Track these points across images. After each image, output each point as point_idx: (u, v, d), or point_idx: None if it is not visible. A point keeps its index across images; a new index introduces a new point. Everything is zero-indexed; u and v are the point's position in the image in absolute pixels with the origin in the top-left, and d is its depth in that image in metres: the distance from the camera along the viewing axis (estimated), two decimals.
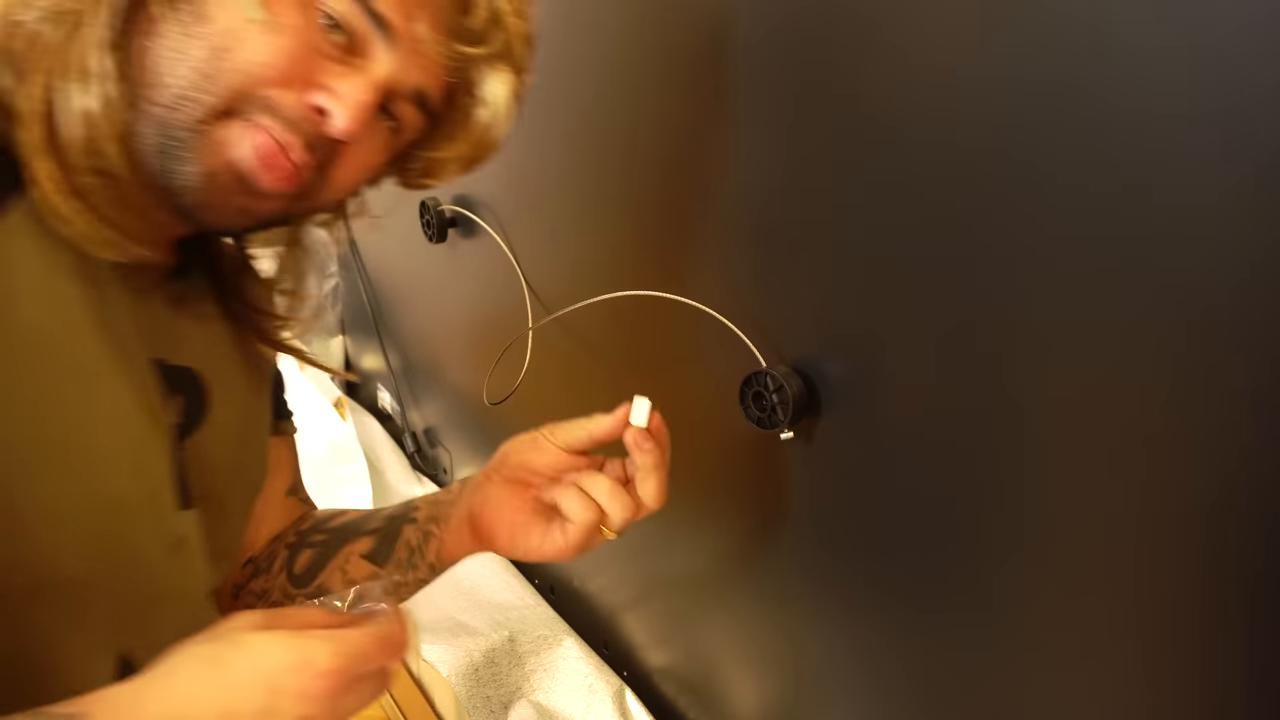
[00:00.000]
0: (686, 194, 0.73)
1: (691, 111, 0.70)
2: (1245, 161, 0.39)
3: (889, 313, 0.58)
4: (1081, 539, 0.50)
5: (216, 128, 0.45)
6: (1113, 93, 0.43)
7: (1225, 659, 0.46)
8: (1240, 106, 0.39)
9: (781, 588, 0.76)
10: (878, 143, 0.55)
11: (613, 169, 0.81)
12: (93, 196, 0.44)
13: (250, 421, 0.62)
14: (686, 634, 0.91)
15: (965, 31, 0.49)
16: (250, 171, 0.46)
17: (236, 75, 0.44)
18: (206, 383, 0.56)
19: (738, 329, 0.69)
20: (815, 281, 0.63)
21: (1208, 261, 0.41)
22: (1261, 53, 0.38)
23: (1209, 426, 0.43)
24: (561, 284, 0.94)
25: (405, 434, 1.49)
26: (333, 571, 0.66)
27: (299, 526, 0.70)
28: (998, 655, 0.58)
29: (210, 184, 0.46)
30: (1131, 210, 0.43)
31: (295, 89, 0.45)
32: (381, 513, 0.69)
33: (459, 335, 1.24)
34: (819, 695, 0.76)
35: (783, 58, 0.61)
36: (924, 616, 0.62)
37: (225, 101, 0.44)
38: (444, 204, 1.11)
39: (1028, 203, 0.48)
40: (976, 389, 0.54)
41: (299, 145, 0.46)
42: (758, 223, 0.67)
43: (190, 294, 0.56)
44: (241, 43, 0.44)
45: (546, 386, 1.01)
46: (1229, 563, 0.44)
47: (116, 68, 0.43)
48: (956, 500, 0.57)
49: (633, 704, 0.98)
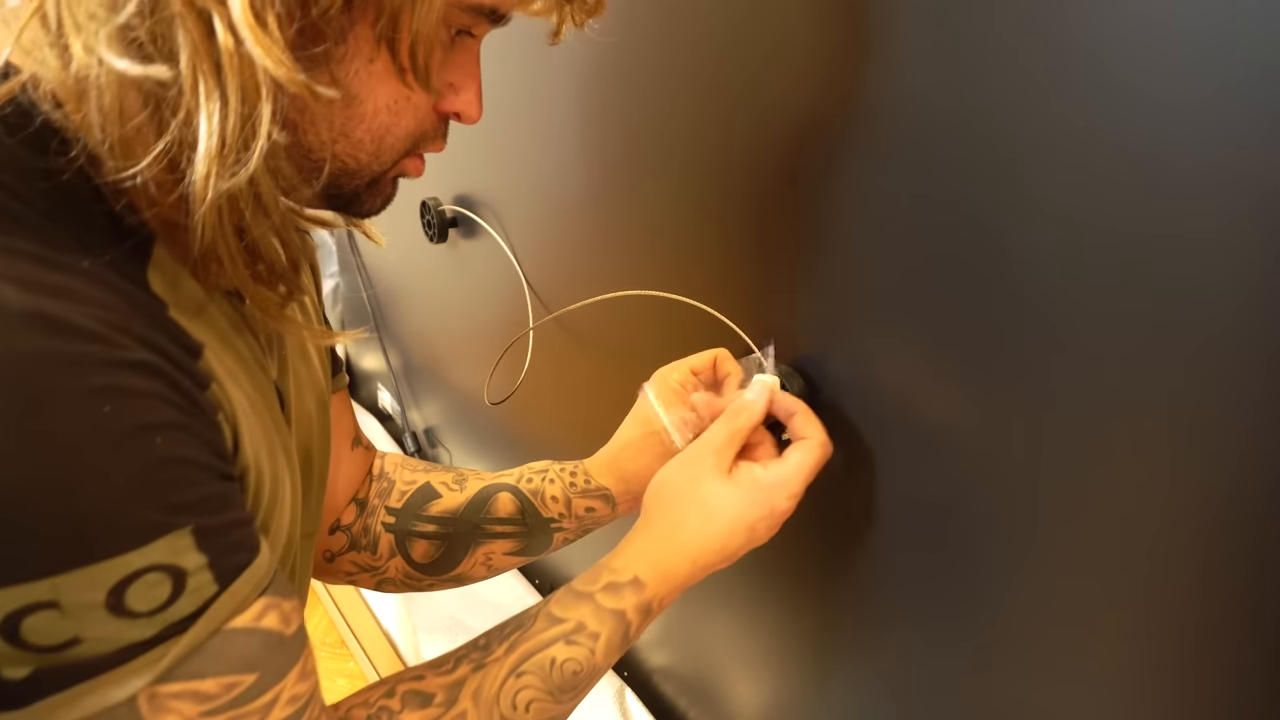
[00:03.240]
0: (687, 193, 0.73)
1: (691, 111, 0.70)
2: (1247, 176, 0.39)
3: (890, 312, 0.58)
4: (1082, 540, 0.51)
5: (388, 175, 0.48)
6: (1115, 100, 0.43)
7: (1229, 669, 0.46)
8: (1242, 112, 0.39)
9: (781, 588, 0.76)
10: (878, 142, 0.55)
11: (613, 169, 0.81)
12: (269, 272, 0.44)
13: (318, 398, 0.62)
14: (686, 634, 0.91)
15: (967, 34, 0.49)
16: (406, 177, 0.50)
17: (403, 143, 0.46)
18: (284, 383, 0.56)
19: (738, 328, 0.69)
20: (816, 281, 0.63)
21: (1212, 270, 0.41)
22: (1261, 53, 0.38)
23: (1213, 431, 0.43)
24: (562, 284, 0.94)
25: (405, 434, 1.49)
26: (474, 566, 0.72)
27: (386, 499, 0.73)
28: (999, 657, 0.58)
29: (371, 209, 0.49)
30: (1134, 212, 0.44)
31: (434, 111, 0.47)
32: (494, 500, 0.71)
33: (459, 335, 1.24)
34: (819, 695, 0.76)
35: (783, 58, 0.61)
36: (924, 618, 0.62)
37: (394, 163, 0.47)
38: (445, 204, 1.11)
39: (1028, 202, 0.48)
40: (977, 390, 0.54)
41: (443, 142, 0.50)
42: (758, 222, 0.67)
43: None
44: (400, 117, 0.44)
45: (547, 386, 1.01)
46: (1232, 568, 0.44)
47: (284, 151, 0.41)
48: (957, 501, 0.57)
49: (633, 704, 0.98)
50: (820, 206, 0.61)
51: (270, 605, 0.41)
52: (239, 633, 0.40)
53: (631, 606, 0.56)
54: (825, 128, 0.59)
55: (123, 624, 0.36)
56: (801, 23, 0.58)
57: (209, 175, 0.37)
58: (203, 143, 0.37)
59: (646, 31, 0.72)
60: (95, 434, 0.34)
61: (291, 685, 0.42)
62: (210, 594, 0.38)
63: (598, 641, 0.54)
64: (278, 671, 0.42)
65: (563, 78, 0.84)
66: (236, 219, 0.40)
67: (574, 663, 0.53)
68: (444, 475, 0.74)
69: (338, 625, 1.54)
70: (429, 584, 0.73)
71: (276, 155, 0.39)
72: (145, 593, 0.36)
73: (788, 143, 0.62)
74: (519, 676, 0.52)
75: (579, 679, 0.54)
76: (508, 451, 1.21)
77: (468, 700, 0.50)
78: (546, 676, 0.53)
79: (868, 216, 0.57)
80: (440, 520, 0.71)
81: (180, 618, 0.37)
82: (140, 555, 0.35)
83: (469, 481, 0.73)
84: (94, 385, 0.34)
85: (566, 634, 0.54)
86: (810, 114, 0.60)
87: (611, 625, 0.55)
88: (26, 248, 0.35)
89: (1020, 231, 0.49)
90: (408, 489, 0.73)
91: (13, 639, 0.34)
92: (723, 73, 0.66)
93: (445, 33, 0.45)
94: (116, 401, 0.35)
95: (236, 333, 0.49)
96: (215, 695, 0.39)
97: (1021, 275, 0.49)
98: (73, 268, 0.36)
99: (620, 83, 0.77)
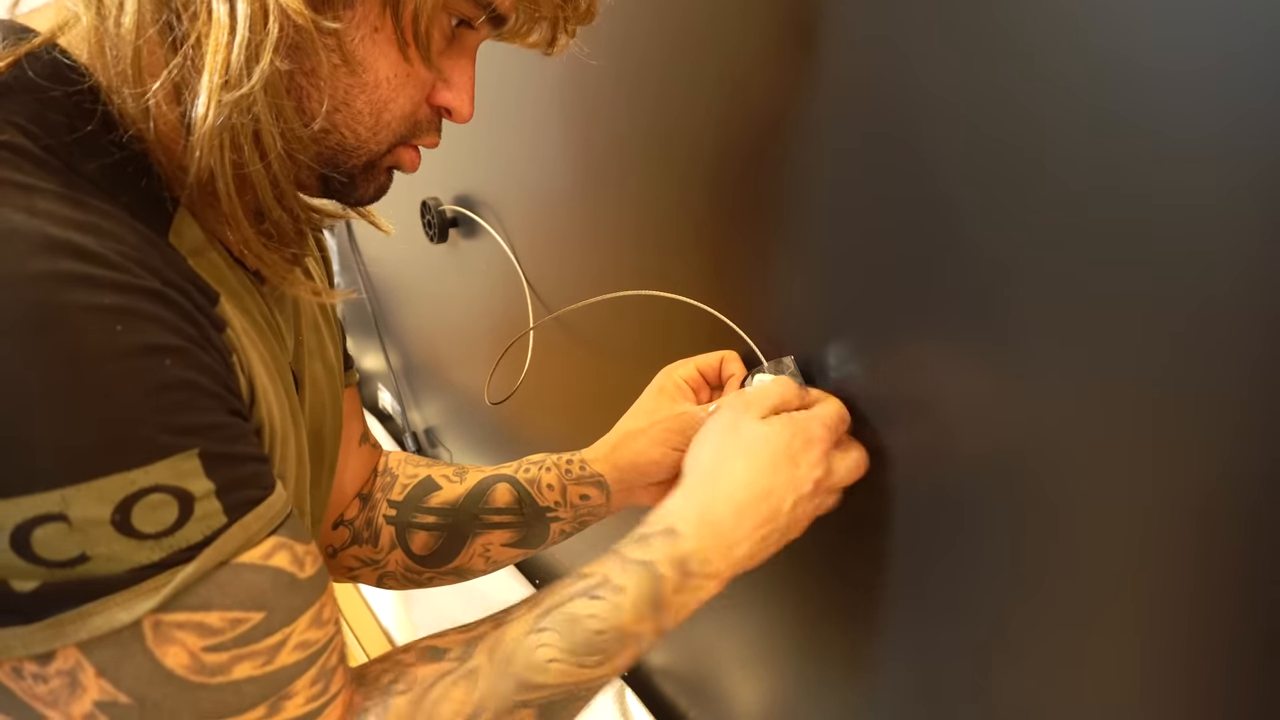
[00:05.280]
0: (687, 193, 0.73)
1: (692, 111, 0.70)
2: (1245, 159, 0.39)
3: (891, 312, 0.58)
4: (1084, 543, 0.51)
5: (383, 161, 0.49)
6: (1113, 96, 0.43)
7: (1226, 668, 0.46)
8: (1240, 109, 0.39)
9: (782, 588, 0.76)
10: (879, 142, 0.55)
11: (614, 169, 0.81)
12: (275, 229, 0.46)
13: (331, 387, 0.63)
14: (686, 634, 0.91)
15: (968, 38, 0.49)
16: (401, 170, 0.51)
17: (399, 125, 0.47)
18: (299, 368, 0.57)
19: (739, 328, 0.69)
20: (817, 281, 0.63)
21: (1206, 256, 0.41)
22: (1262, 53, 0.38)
23: (1209, 426, 0.43)
24: (563, 283, 0.94)
25: (406, 434, 1.49)
26: (473, 557, 0.72)
27: (389, 493, 0.73)
28: (999, 659, 0.58)
29: (364, 196, 0.50)
30: (1132, 205, 0.44)
31: (427, 102, 0.49)
32: (492, 491, 0.71)
33: (460, 335, 1.24)
34: (819, 695, 0.76)
35: (784, 57, 0.61)
36: (925, 618, 0.62)
37: (390, 146, 0.48)
38: (445, 204, 1.11)
39: (1028, 202, 0.48)
40: (978, 390, 0.54)
41: (436, 137, 0.51)
42: (759, 222, 0.67)
43: None
44: (398, 92, 0.46)
45: (548, 386, 1.01)
46: (1229, 568, 0.44)
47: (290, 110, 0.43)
48: (958, 501, 0.57)
49: (633, 704, 0.98)
50: (822, 206, 0.61)
51: (281, 545, 0.41)
52: (247, 568, 0.40)
53: (664, 558, 0.51)
54: (827, 127, 0.59)
55: (130, 544, 0.36)
56: (798, 19, 0.58)
57: (210, 98, 0.39)
58: (208, 65, 0.39)
59: (647, 31, 0.72)
60: (105, 349, 0.35)
61: (302, 630, 0.42)
62: (218, 524, 0.39)
63: (623, 595, 0.49)
64: (288, 613, 0.41)
65: (563, 77, 0.84)
66: (236, 155, 0.41)
67: (596, 619, 0.49)
68: (445, 469, 0.75)
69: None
70: (429, 577, 0.73)
71: (278, 92, 0.41)
72: (151, 514, 0.36)
73: (788, 143, 0.62)
74: (539, 633, 0.48)
75: (604, 640, 0.49)
76: (508, 452, 1.21)
77: (483, 655, 0.48)
78: (568, 633, 0.48)
79: (869, 216, 0.57)
80: (439, 511, 0.72)
81: (187, 545, 0.38)
82: (145, 474, 0.36)
83: (469, 474, 0.73)
84: (107, 304, 0.35)
85: (590, 588, 0.50)
86: (813, 113, 0.60)
87: (639, 577, 0.50)
88: (52, 187, 0.37)
89: (1021, 232, 0.49)
90: (409, 483, 0.74)
91: (23, 551, 0.35)
92: (722, 72, 0.66)
93: (446, 18, 0.46)
94: (129, 322, 0.36)
95: (258, 312, 0.50)
96: (220, 630, 0.39)
97: (1021, 273, 0.49)
98: (97, 208, 0.38)
99: (620, 83, 0.77)
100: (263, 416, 0.45)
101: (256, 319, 0.49)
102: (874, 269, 0.58)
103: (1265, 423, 0.41)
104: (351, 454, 0.73)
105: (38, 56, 0.40)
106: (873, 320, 0.60)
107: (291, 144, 0.43)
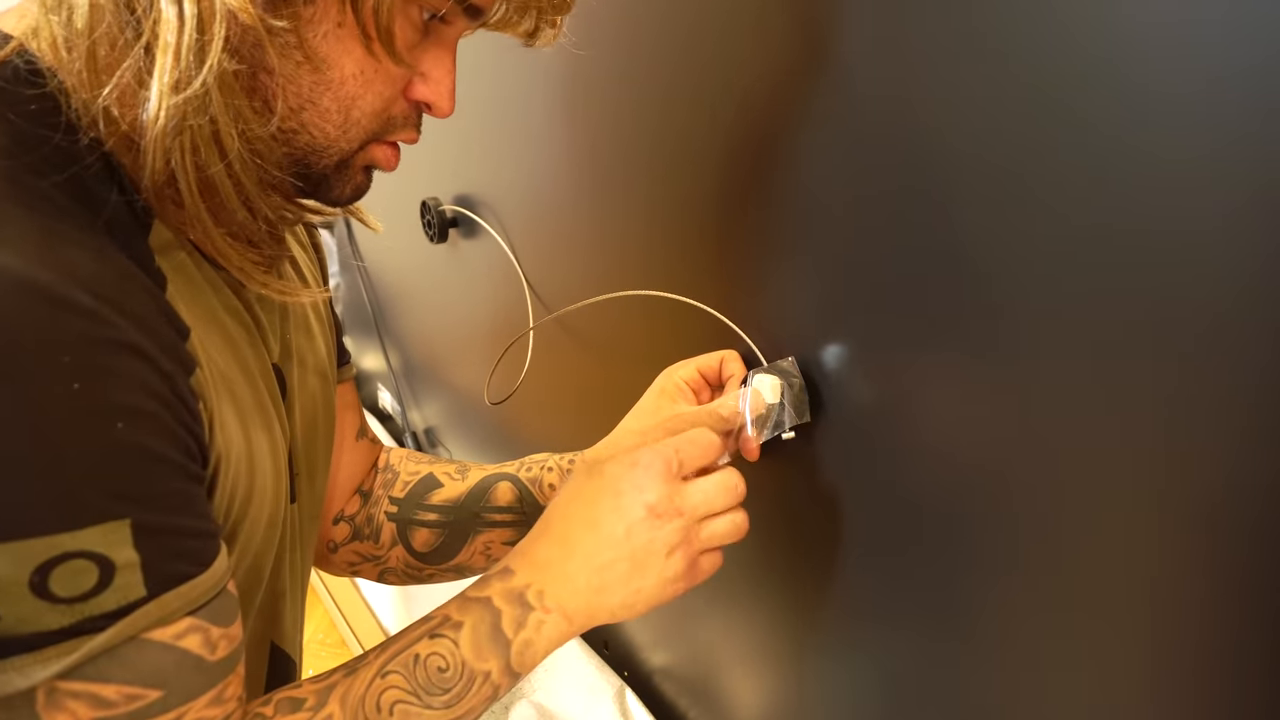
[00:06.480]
0: (688, 194, 0.73)
1: (693, 111, 0.70)
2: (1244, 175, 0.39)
3: (891, 312, 0.58)
4: (1085, 544, 0.51)
5: (356, 160, 0.48)
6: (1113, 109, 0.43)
7: (1225, 673, 0.46)
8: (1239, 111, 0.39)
9: (782, 588, 0.76)
10: (880, 142, 0.55)
11: (614, 169, 0.81)
12: (242, 232, 0.46)
13: (323, 382, 0.62)
14: (686, 634, 0.91)
15: (974, 54, 0.49)
16: (378, 169, 0.50)
17: (370, 121, 0.46)
18: (286, 366, 0.57)
19: (739, 329, 0.69)
20: (817, 281, 0.63)
21: (1210, 270, 0.41)
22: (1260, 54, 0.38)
23: (1209, 432, 0.43)
24: (563, 284, 0.94)
25: (406, 434, 1.49)
26: (474, 555, 0.71)
27: (390, 490, 0.73)
28: (999, 659, 0.58)
29: (340, 196, 0.49)
30: (1133, 214, 0.44)
31: (404, 97, 0.48)
32: (494, 489, 0.71)
33: (460, 335, 1.24)
34: (819, 695, 0.76)
35: (789, 60, 0.61)
36: (925, 618, 0.62)
37: (361, 144, 0.47)
38: (445, 204, 1.11)
39: (1029, 202, 0.48)
40: (978, 390, 0.54)
41: (415, 133, 0.49)
42: (759, 222, 0.67)
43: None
44: (367, 88, 0.45)
45: (548, 386, 1.01)
46: (1228, 573, 0.44)
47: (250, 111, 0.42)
48: (958, 502, 0.57)
49: (633, 704, 0.98)
50: (822, 206, 0.61)
51: (196, 627, 0.40)
52: (154, 645, 0.39)
53: (497, 593, 0.52)
54: (828, 127, 0.59)
55: (41, 606, 0.35)
56: (798, 16, 0.58)
57: (160, 99, 0.38)
58: (157, 67, 0.38)
59: (647, 31, 0.72)
60: (56, 409, 0.34)
61: (199, 709, 0.41)
62: (136, 597, 0.38)
63: (460, 632, 0.50)
64: (185, 693, 0.40)
65: (563, 77, 0.84)
66: (195, 157, 0.40)
67: (438, 657, 0.49)
68: (447, 466, 0.75)
69: (338, 624, 1.54)
70: (429, 573, 0.73)
71: (233, 92, 0.40)
72: (70, 578, 0.35)
73: (789, 145, 0.62)
74: (384, 676, 0.49)
75: (446, 678, 0.49)
76: (508, 452, 1.21)
77: (335, 703, 0.48)
78: (411, 674, 0.49)
79: (870, 216, 0.57)
80: (441, 509, 0.72)
81: (100, 613, 0.37)
82: (72, 538, 0.35)
83: (471, 472, 0.73)
84: (67, 360, 0.34)
85: (432, 629, 0.51)
86: (814, 114, 0.60)
87: (476, 614, 0.51)
88: (22, 214, 0.36)
89: (1022, 233, 0.49)
90: (411, 479, 0.74)
91: None
92: (726, 72, 0.66)
93: (416, 10, 0.45)
94: (87, 380, 0.35)
95: (229, 313, 0.49)
96: (113, 703, 0.38)
97: (1021, 273, 0.49)
98: (72, 238, 0.37)
99: (620, 82, 0.77)
100: (220, 448, 0.44)
101: (228, 329, 0.49)
102: (874, 269, 0.58)
103: (1271, 431, 0.41)
104: (349, 449, 0.73)
105: (7, 63, 0.39)
106: (873, 320, 0.60)
107: (254, 144, 0.42)
